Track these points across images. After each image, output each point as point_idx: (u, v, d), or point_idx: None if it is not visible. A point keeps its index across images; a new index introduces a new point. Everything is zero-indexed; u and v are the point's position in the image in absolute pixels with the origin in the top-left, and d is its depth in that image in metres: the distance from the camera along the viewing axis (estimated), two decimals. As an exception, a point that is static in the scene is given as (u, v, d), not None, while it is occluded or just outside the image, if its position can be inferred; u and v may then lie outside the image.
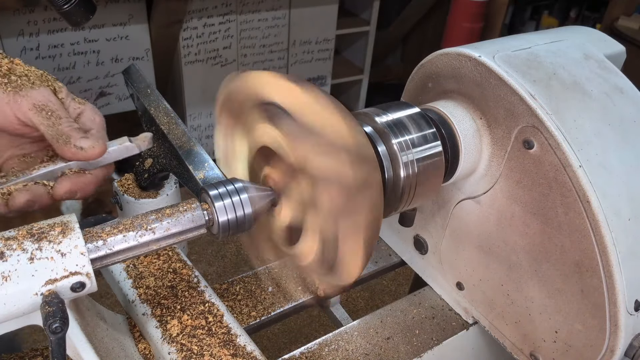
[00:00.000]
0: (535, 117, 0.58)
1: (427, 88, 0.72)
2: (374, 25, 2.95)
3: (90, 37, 2.15)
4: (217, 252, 2.44)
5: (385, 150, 0.60)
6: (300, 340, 2.03)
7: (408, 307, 0.82)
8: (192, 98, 2.52)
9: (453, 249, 0.76)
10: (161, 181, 0.76)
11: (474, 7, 2.81)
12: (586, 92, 0.62)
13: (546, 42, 0.67)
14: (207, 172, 0.61)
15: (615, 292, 0.56)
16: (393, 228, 0.90)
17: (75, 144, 0.56)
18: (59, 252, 0.45)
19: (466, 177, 0.69)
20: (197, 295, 0.68)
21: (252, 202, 0.53)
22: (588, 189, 0.55)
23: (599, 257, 0.56)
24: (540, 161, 0.59)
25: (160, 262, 0.74)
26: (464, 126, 0.65)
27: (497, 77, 0.60)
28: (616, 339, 0.57)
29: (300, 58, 2.76)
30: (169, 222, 0.51)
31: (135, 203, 0.74)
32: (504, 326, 0.72)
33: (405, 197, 0.61)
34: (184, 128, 0.71)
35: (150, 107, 0.71)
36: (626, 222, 0.57)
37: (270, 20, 2.55)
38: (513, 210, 0.64)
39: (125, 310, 0.70)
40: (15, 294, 0.43)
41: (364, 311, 1.39)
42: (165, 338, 0.63)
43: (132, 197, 0.74)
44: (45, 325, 0.42)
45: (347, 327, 0.77)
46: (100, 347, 0.54)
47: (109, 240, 0.48)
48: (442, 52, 0.67)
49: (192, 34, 2.37)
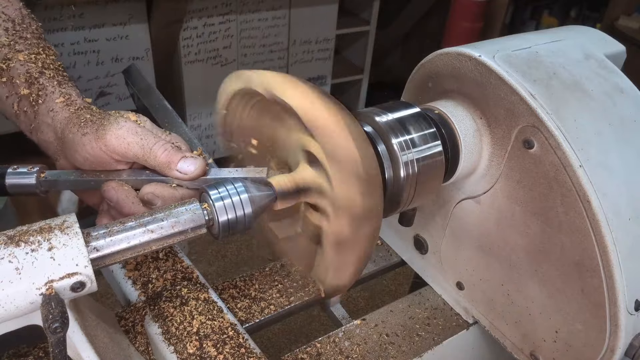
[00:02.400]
0: (535, 116, 0.58)
1: (427, 88, 0.72)
2: (374, 25, 2.95)
3: (90, 37, 2.14)
4: (217, 252, 2.44)
5: (385, 150, 0.60)
6: (300, 340, 2.03)
7: (408, 307, 0.82)
8: (192, 98, 2.52)
9: (453, 249, 0.76)
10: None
11: (474, 7, 2.81)
12: (586, 91, 0.62)
13: (546, 41, 0.67)
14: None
15: (615, 292, 0.56)
16: (393, 228, 0.90)
17: (177, 168, 0.59)
18: (59, 251, 0.45)
19: (466, 177, 0.69)
20: (197, 295, 0.68)
21: (252, 202, 0.53)
22: (588, 189, 0.55)
23: (599, 256, 0.56)
24: (541, 161, 0.59)
25: (161, 261, 0.74)
26: (464, 126, 0.65)
27: (497, 76, 0.60)
28: (616, 339, 0.57)
29: (300, 58, 2.76)
30: (169, 222, 0.51)
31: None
32: (504, 326, 0.72)
33: (405, 197, 0.61)
34: (184, 128, 0.71)
35: (150, 106, 0.71)
36: (626, 222, 0.57)
37: (270, 20, 2.55)
38: (513, 210, 0.64)
39: (125, 310, 0.70)
40: (16, 294, 0.43)
41: (364, 311, 1.39)
42: (165, 337, 0.63)
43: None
44: (45, 325, 0.42)
45: (347, 327, 0.77)
46: (100, 347, 0.54)
47: (109, 240, 0.48)
48: (442, 51, 0.67)
49: (192, 33, 2.37)
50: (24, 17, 0.71)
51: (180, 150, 0.60)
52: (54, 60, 0.68)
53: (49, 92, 0.63)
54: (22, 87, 0.64)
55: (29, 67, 0.65)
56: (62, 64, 0.69)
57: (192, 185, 0.60)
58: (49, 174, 0.61)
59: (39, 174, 0.61)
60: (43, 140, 0.65)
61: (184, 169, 0.59)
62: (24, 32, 0.69)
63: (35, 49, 0.68)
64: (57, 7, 2.00)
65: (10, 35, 0.68)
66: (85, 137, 0.59)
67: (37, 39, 0.70)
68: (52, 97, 0.63)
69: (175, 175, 0.59)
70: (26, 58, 0.66)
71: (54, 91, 0.63)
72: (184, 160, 0.59)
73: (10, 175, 0.60)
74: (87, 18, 2.10)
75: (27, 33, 0.69)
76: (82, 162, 0.61)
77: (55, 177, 0.61)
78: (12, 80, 0.64)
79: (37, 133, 0.65)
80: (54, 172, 0.62)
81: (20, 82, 0.64)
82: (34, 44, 0.68)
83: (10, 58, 0.65)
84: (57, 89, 0.64)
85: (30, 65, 0.65)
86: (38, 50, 0.68)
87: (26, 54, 0.66)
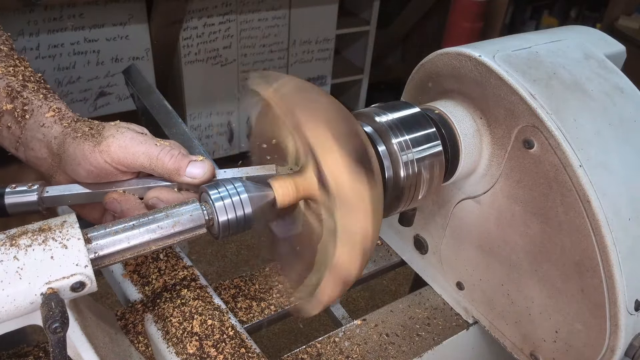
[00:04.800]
0: (535, 116, 0.58)
1: (427, 88, 0.72)
2: (374, 25, 2.95)
3: (90, 37, 2.15)
4: (217, 252, 2.44)
5: (385, 150, 0.60)
6: (300, 340, 2.03)
7: (408, 307, 0.82)
8: (192, 98, 2.52)
9: (453, 249, 0.76)
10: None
11: (474, 7, 2.81)
12: (586, 91, 0.62)
13: (546, 41, 0.67)
14: None
15: (615, 292, 0.56)
16: (393, 228, 0.90)
17: (186, 174, 0.58)
18: (59, 251, 0.45)
19: (466, 176, 0.69)
20: (197, 295, 0.68)
21: (252, 202, 0.53)
22: (588, 189, 0.55)
23: (599, 256, 0.56)
24: (541, 161, 0.59)
25: (161, 262, 0.74)
26: (464, 126, 0.65)
27: (497, 76, 0.60)
28: (616, 339, 0.57)
29: (300, 58, 2.76)
30: (169, 222, 0.51)
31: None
32: (504, 326, 0.72)
33: (405, 197, 0.61)
34: (184, 128, 0.71)
35: (150, 106, 0.71)
36: (626, 222, 0.57)
37: (270, 20, 2.55)
38: (513, 210, 0.64)
39: (125, 310, 0.70)
40: (16, 294, 0.43)
41: (364, 311, 1.39)
42: (165, 338, 0.63)
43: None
44: (45, 325, 0.42)
45: (347, 327, 0.77)
46: (100, 347, 0.54)
47: (109, 240, 0.48)
48: (442, 51, 0.67)
49: (192, 33, 2.37)
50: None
51: (187, 156, 0.59)
52: (33, 72, 0.66)
53: (36, 106, 0.61)
54: (3, 101, 0.61)
55: (9, 81, 0.62)
56: (42, 75, 0.67)
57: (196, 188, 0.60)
58: (51, 189, 0.59)
59: (40, 191, 0.58)
60: (33, 157, 0.62)
61: (193, 174, 0.58)
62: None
63: (11, 61, 0.65)
64: (57, 7, 2.00)
65: None
66: (87, 150, 0.57)
67: (10, 49, 0.67)
68: (40, 111, 0.60)
69: (184, 181, 0.58)
70: (4, 71, 0.63)
71: (41, 105, 0.61)
72: (193, 164, 0.58)
73: (9, 194, 0.58)
74: (87, 18, 2.10)
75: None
76: (85, 176, 0.59)
77: (58, 192, 0.59)
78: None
79: (25, 150, 0.62)
80: (56, 188, 0.59)
81: (1, 97, 0.61)
82: (8, 55, 0.66)
83: None
84: (44, 102, 0.61)
85: (10, 79, 0.62)
86: (15, 62, 0.65)
87: (3, 66, 0.63)
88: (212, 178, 0.59)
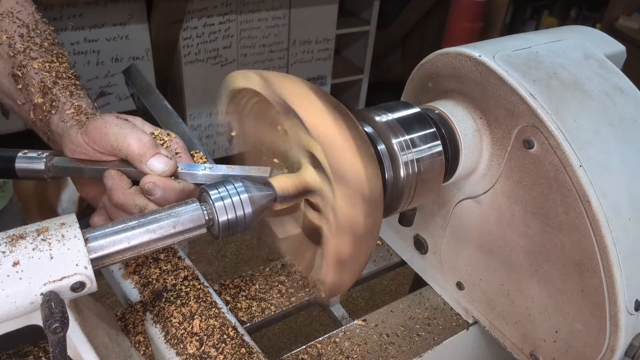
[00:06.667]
0: (535, 116, 0.58)
1: (427, 88, 0.72)
2: (374, 25, 2.95)
3: (90, 37, 2.15)
4: (217, 252, 2.44)
5: (385, 149, 0.60)
6: (300, 340, 2.03)
7: (408, 307, 0.82)
8: (192, 98, 2.52)
9: (453, 249, 0.76)
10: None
11: (474, 7, 2.82)
12: (586, 91, 0.62)
13: (546, 41, 0.67)
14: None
15: (615, 292, 0.56)
16: (393, 228, 0.90)
17: (147, 165, 0.58)
18: (59, 251, 0.45)
19: (466, 177, 0.69)
20: (197, 295, 0.68)
21: (252, 202, 0.53)
22: (588, 189, 0.55)
23: (599, 256, 0.56)
24: (541, 161, 0.59)
25: (161, 262, 0.74)
26: (464, 126, 0.65)
27: (497, 76, 0.60)
28: (616, 339, 0.57)
29: (300, 58, 2.76)
30: (169, 222, 0.51)
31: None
32: (504, 326, 0.72)
33: (405, 197, 0.61)
34: (184, 128, 0.71)
35: (150, 106, 0.71)
36: (626, 222, 0.57)
37: (270, 20, 2.55)
38: (513, 210, 0.64)
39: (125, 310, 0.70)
40: (16, 294, 0.43)
41: (364, 311, 1.39)
42: (165, 338, 0.63)
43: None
44: (45, 325, 0.42)
45: (347, 327, 0.77)
46: (100, 347, 0.54)
47: (109, 240, 0.48)
48: (442, 51, 0.67)
49: (192, 33, 2.37)
50: (37, 22, 0.72)
51: (157, 147, 0.59)
52: (67, 67, 0.69)
53: (62, 102, 0.64)
54: (36, 95, 0.65)
55: (43, 76, 0.65)
56: (75, 71, 0.70)
57: (195, 179, 0.60)
58: (57, 160, 0.63)
59: (48, 160, 0.63)
60: (57, 149, 0.66)
61: (154, 166, 0.58)
62: (38, 38, 0.70)
63: (49, 57, 0.68)
64: (57, 7, 2.00)
65: (25, 41, 0.68)
66: (72, 130, 0.60)
67: (50, 44, 0.70)
68: (64, 107, 0.64)
69: (143, 170, 0.58)
70: (40, 66, 0.66)
71: (65, 102, 0.64)
72: (157, 157, 0.58)
73: (20, 159, 0.63)
74: (87, 18, 2.10)
75: (41, 39, 0.70)
76: (70, 156, 0.62)
77: (63, 163, 0.63)
78: (27, 87, 0.65)
79: (52, 142, 0.67)
80: (62, 159, 0.63)
81: (34, 91, 0.65)
82: (48, 51, 0.69)
83: (25, 65, 0.66)
84: (68, 99, 0.64)
85: (45, 75, 0.66)
86: (52, 58, 0.68)
87: (40, 62, 0.67)
88: (172, 176, 0.59)
